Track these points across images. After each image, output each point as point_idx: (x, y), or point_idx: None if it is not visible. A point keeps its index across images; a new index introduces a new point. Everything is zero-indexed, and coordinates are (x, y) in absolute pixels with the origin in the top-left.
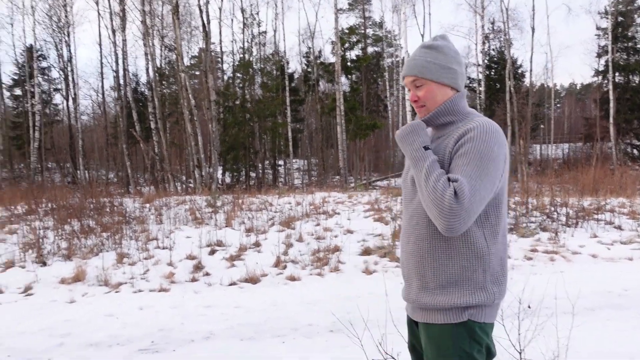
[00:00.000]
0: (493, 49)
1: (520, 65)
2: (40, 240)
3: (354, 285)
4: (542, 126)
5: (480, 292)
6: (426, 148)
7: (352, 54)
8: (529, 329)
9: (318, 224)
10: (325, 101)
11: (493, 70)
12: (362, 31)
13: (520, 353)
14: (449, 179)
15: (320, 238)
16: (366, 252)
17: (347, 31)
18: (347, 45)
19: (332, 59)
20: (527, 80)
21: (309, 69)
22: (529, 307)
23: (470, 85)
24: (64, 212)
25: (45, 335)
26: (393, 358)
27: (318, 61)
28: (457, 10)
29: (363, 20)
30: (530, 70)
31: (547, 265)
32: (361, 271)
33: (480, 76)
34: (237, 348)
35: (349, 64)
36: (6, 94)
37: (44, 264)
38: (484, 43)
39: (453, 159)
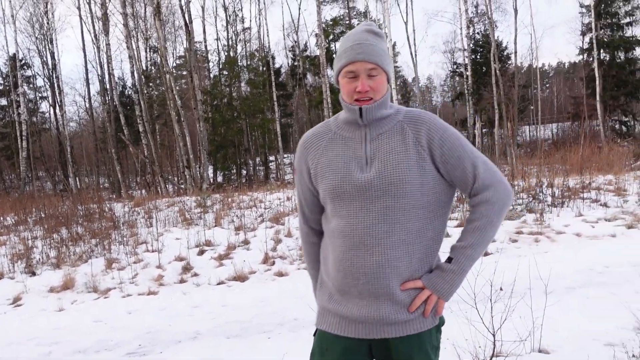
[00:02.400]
0: (478, 33)
1: (506, 48)
2: (29, 250)
3: None
4: (531, 107)
5: None
6: (450, 259)
7: (338, 45)
8: (503, 311)
9: None
10: (313, 94)
11: (479, 54)
12: (347, 22)
13: (494, 335)
14: (480, 200)
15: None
16: None
17: (331, 22)
18: (331, 37)
19: (317, 52)
20: (512, 62)
21: (295, 63)
22: (501, 289)
23: (457, 70)
24: (53, 220)
25: (33, 345)
26: None
27: (304, 55)
28: None
29: (347, 11)
30: (515, 52)
31: (532, 247)
32: None
33: (467, 61)
34: (224, 346)
35: (334, 55)
36: None
37: (33, 273)
38: (468, 27)
39: (446, 162)
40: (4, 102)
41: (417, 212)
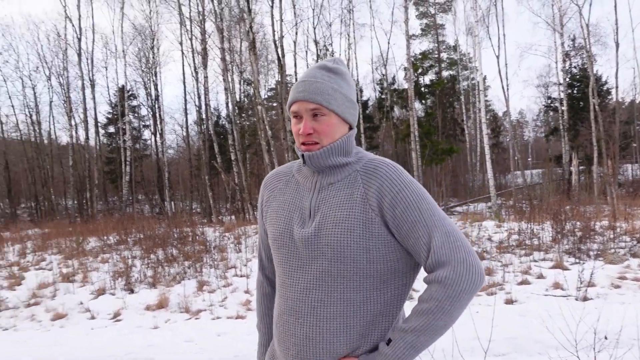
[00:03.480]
0: (575, 67)
1: (605, 82)
2: (129, 268)
3: None
4: (634, 144)
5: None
6: (389, 341)
7: (426, 79)
8: None
9: None
10: (400, 127)
11: (575, 89)
12: (436, 55)
13: None
14: (432, 278)
15: None
16: None
17: (420, 56)
18: (420, 70)
19: (405, 85)
20: (613, 97)
21: (383, 96)
22: (605, 337)
23: (551, 104)
24: (150, 242)
25: None
26: None
27: (392, 88)
28: (534, 29)
29: (437, 45)
30: (617, 87)
31: (637, 294)
32: None
33: (562, 95)
34: None
35: (422, 89)
36: (101, 131)
37: (132, 291)
38: (564, 61)
39: (399, 227)
40: (112, 129)
41: (361, 282)
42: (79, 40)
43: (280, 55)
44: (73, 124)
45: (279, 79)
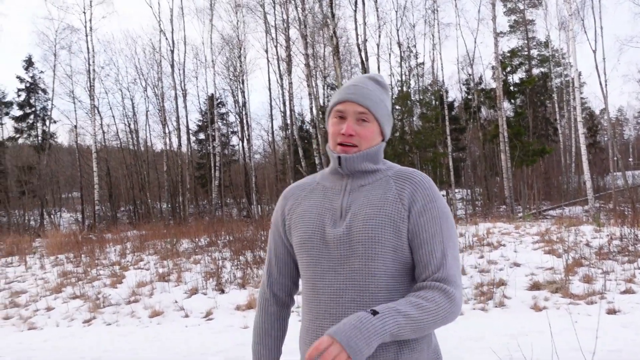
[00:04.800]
0: None
1: None
2: (219, 269)
3: (520, 322)
4: None
5: None
6: (375, 312)
7: (515, 78)
8: None
9: (482, 257)
10: (488, 128)
11: None
12: (526, 52)
13: None
14: (439, 287)
15: (484, 271)
16: (535, 286)
17: (508, 54)
18: (508, 69)
19: (493, 85)
20: None
21: (469, 96)
22: None
23: None
24: (239, 244)
25: (222, 358)
26: None
27: (479, 88)
28: (635, 20)
29: (526, 41)
30: None
31: None
32: (529, 307)
33: None
34: None
35: (511, 88)
36: (192, 138)
37: (222, 291)
38: None
39: (417, 233)
40: (202, 136)
41: (387, 281)
42: (172, 52)
43: (363, 59)
44: (167, 132)
45: None
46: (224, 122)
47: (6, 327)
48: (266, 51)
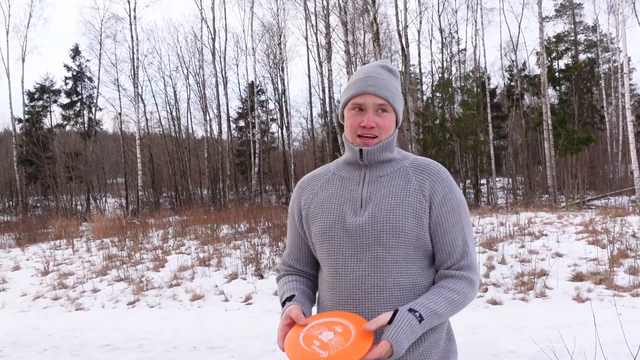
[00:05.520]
0: None
1: None
2: (259, 255)
3: (562, 313)
4: None
5: None
6: (421, 319)
7: (561, 64)
8: None
9: (523, 246)
10: (531, 116)
11: None
12: (572, 38)
13: None
14: (463, 275)
15: (525, 261)
16: (578, 277)
17: (554, 39)
18: (554, 54)
19: (537, 71)
20: None
21: (512, 83)
22: None
23: None
24: (278, 230)
25: (261, 342)
26: None
27: (522, 74)
28: None
29: (573, 26)
30: None
31: None
32: (571, 298)
33: None
34: None
35: (556, 74)
36: (232, 126)
37: (261, 276)
38: None
39: (439, 224)
40: (242, 123)
41: (410, 267)
42: (213, 40)
43: (404, 45)
44: (207, 119)
45: (403, 69)
46: (264, 109)
47: (55, 308)
48: (306, 38)
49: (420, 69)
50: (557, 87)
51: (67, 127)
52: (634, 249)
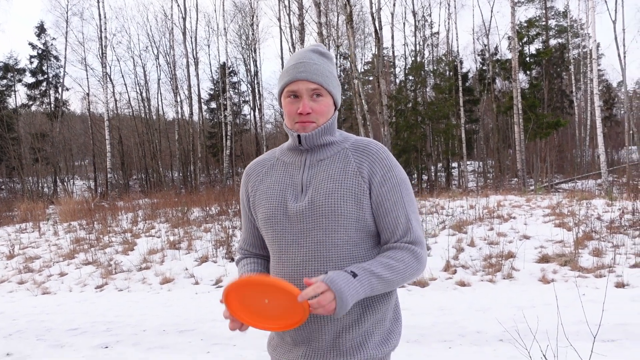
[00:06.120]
0: None
1: None
2: (229, 238)
3: (528, 294)
4: None
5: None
6: (355, 274)
7: (532, 48)
8: None
9: (492, 229)
10: (502, 100)
11: None
12: (544, 23)
13: None
14: (407, 247)
15: (494, 243)
16: (544, 259)
17: (525, 24)
18: (525, 39)
19: (508, 55)
20: None
21: (484, 67)
22: None
23: None
24: None
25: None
26: None
27: (494, 58)
28: None
29: (544, 11)
30: None
31: None
32: (537, 279)
33: None
34: (402, 351)
35: (527, 59)
36: (204, 107)
37: (232, 259)
38: None
39: (380, 203)
40: (213, 105)
41: (352, 250)
42: (184, 19)
43: (377, 28)
44: (178, 100)
45: (376, 52)
46: (236, 91)
47: (20, 292)
48: (279, 19)
49: (393, 52)
50: (528, 72)
51: (33, 107)
52: (599, 231)
